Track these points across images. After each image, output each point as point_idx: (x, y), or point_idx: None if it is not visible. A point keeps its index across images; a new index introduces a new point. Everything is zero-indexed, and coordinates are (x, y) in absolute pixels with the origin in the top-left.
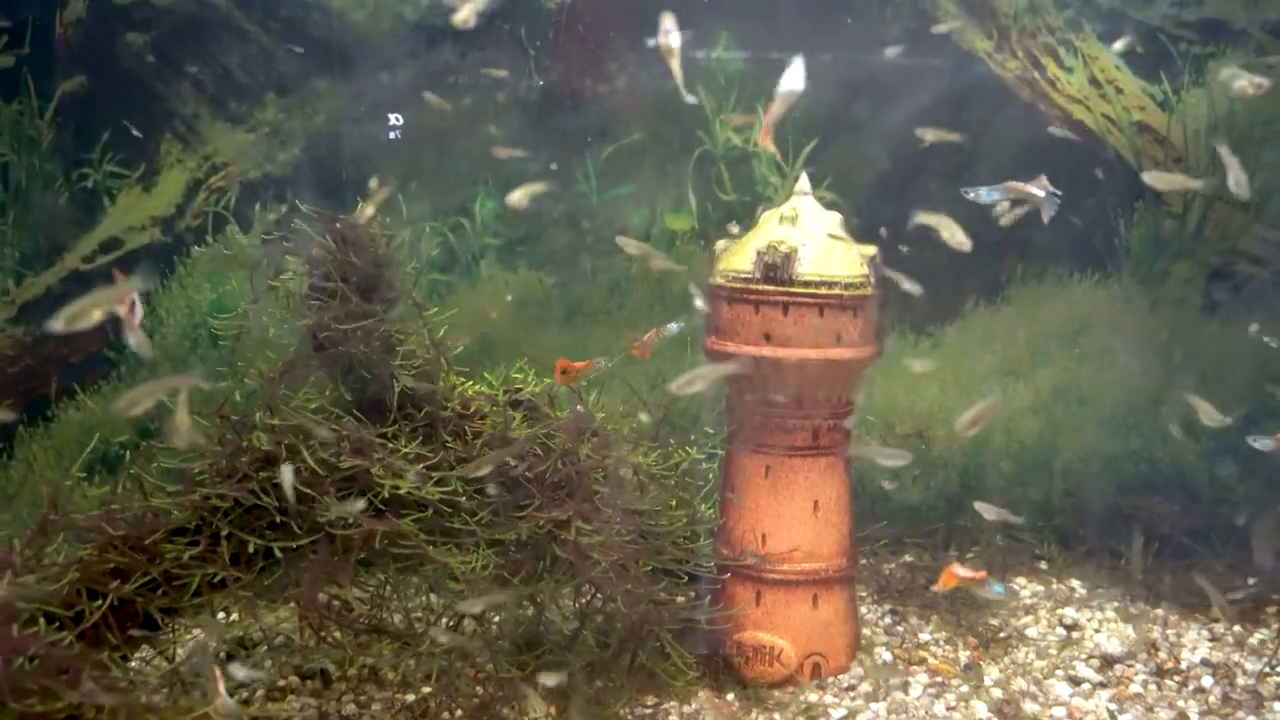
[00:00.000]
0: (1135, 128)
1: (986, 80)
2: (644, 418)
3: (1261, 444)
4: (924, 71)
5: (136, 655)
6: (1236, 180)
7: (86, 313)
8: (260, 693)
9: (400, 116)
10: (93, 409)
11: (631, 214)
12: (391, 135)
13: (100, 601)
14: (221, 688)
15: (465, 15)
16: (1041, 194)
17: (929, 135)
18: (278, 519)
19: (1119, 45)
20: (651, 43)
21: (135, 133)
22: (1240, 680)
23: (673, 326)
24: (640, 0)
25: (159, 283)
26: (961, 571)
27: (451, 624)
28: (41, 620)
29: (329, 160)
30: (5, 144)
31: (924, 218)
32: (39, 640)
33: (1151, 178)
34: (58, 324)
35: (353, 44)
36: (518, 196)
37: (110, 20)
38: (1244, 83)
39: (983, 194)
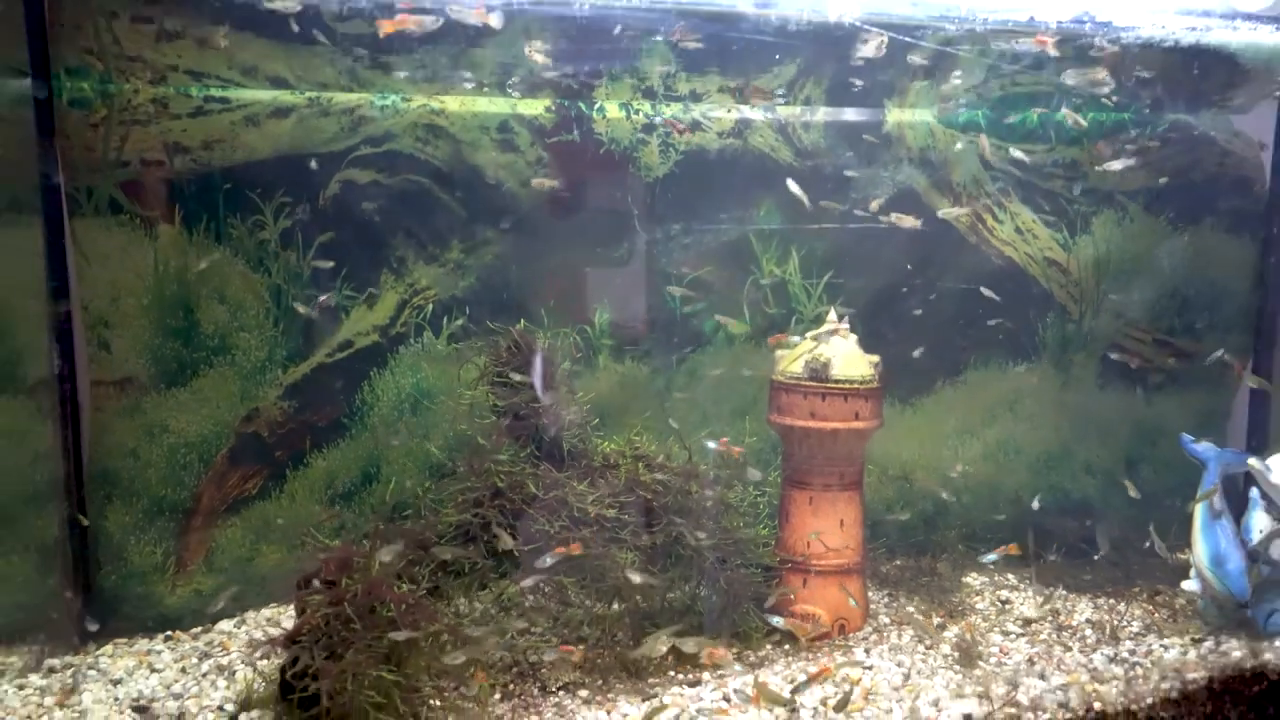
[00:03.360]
0: (1046, 262)
1: (947, 229)
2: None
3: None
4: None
5: None
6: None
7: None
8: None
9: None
10: (334, 459)
11: (705, 323)
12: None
13: (416, 582)
14: None
15: None
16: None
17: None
18: (511, 528)
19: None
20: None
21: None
22: (1107, 631)
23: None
24: (716, 178)
25: (376, 371)
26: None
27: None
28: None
29: (496, 287)
30: (280, 276)
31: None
32: (408, 596)
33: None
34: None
35: (511, 207)
36: None
37: (354, 194)
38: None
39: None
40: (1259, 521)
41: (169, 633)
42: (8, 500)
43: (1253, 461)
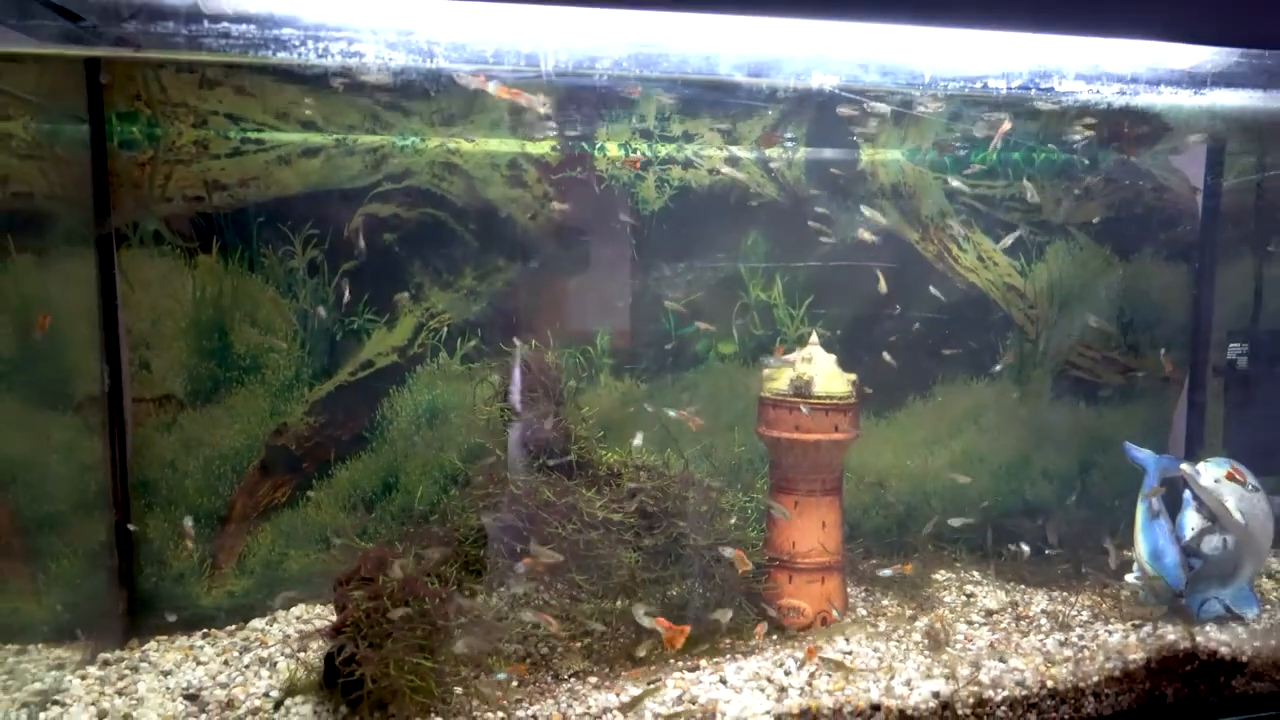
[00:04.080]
0: (1006, 287)
1: (916, 257)
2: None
3: None
4: (880, 254)
5: None
6: None
7: None
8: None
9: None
10: (356, 469)
11: (697, 343)
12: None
13: (444, 577)
14: None
15: None
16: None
17: None
18: (524, 532)
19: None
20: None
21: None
22: (1060, 619)
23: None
24: (707, 211)
25: (395, 389)
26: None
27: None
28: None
29: (505, 311)
30: (307, 302)
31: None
32: (441, 590)
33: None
34: None
35: (520, 238)
36: None
37: (375, 226)
38: None
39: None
40: (1191, 520)
41: (206, 630)
42: (60, 509)
43: (1185, 467)
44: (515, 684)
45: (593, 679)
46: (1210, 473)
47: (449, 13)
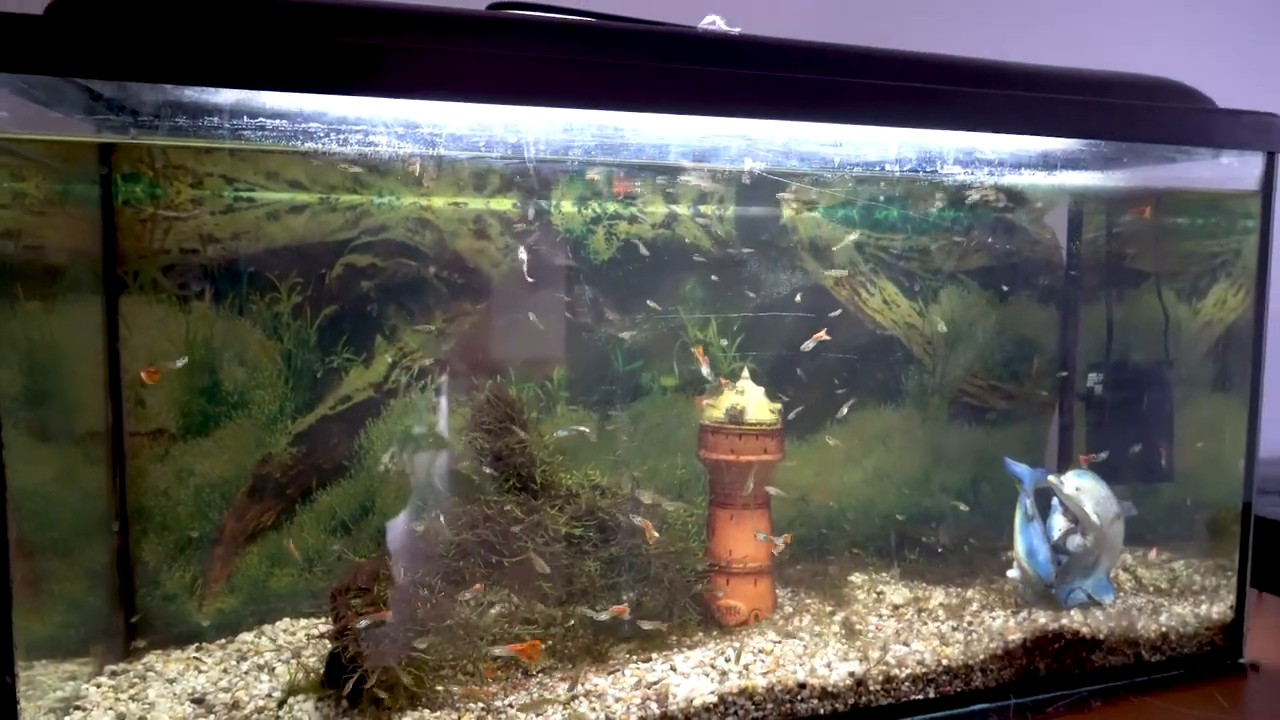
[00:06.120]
0: (907, 326)
1: (831, 301)
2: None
3: None
4: (801, 300)
5: None
6: None
7: None
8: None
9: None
10: (336, 495)
11: (642, 377)
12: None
13: (432, 590)
14: None
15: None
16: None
17: None
18: (498, 545)
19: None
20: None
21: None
22: (954, 610)
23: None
24: (651, 260)
25: (370, 419)
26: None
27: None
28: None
29: (471, 350)
30: (291, 343)
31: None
32: (430, 599)
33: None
34: None
35: (486, 284)
36: None
37: (354, 275)
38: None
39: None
40: (1058, 523)
41: (198, 644)
42: (65, 535)
43: (1052, 478)
44: (492, 681)
45: (559, 673)
46: (1071, 482)
47: (449, 111)
